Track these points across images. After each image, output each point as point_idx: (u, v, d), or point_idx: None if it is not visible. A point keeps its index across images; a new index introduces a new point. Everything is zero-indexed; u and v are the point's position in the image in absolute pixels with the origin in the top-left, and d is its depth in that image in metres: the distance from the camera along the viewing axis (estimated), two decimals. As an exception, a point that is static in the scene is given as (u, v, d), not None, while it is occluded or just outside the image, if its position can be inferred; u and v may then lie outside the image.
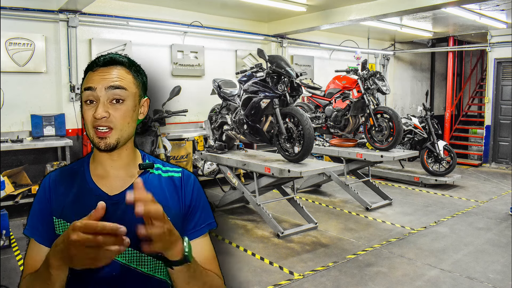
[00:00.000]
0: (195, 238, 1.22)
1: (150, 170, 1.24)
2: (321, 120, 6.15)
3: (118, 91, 1.14)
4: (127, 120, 1.16)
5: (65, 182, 1.22)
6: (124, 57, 1.21)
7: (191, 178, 1.28)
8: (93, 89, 1.13)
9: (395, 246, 4.50)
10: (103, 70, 1.15)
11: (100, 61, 1.17)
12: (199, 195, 1.27)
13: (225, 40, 7.68)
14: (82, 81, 1.19)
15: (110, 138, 1.13)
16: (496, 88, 9.36)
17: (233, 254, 4.32)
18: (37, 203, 1.22)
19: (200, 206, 1.26)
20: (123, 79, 1.16)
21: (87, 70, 1.18)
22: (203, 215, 1.26)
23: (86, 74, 1.18)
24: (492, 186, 7.43)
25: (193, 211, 1.24)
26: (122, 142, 1.17)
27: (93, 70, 1.16)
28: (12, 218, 4.79)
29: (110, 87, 1.13)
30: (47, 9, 5.75)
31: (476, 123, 10.49)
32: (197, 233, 1.23)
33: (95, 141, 1.15)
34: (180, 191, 1.24)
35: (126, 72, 1.18)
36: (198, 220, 1.24)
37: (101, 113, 1.11)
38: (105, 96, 1.13)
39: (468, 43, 10.32)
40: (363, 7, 6.57)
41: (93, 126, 1.13)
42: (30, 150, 5.64)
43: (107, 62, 1.17)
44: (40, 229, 1.19)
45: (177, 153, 6.50)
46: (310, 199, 6.46)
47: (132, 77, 1.19)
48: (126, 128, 1.16)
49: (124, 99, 1.15)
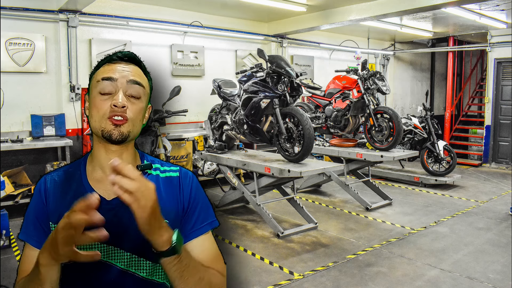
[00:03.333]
0: (196, 237, 1.20)
1: (149, 171, 1.22)
2: (321, 120, 6.15)
3: (137, 87, 1.14)
4: (139, 117, 1.16)
5: (61, 186, 1.19)
6: (141, 60, 1.22)
7: (188, 177, 1.26)
8: (113, 80, 1.12)
9: (395, 246, 4.50)
10: (124, 64, 1.15)
11: (122, 54, 1.17)
12: (198, 193, 1.25)
13: (225, 40, 7.68)
14: (93, 73, 1.17)
15: (124, 127, 1.11)
16: (496, 88, 9.36)
17: (233, 254, 4.32)
18: (33, 207, 1.19)
19: (199, 205, 1.24)
20: (141, 77, 1.17)
21: (103, 62, 1.17)
22: (203, 213, 1.24)
23: (101, 66, 1.16)
24: (492, 186, 7.43)
25: (192, 210, 1.22)
26: (131, 137, 1.15)
27: (112, 62, 1.15)
28: (12, 218, 4.78)
29: (131, 81, 1.13)
30: (47, 9, 5.75)
31: (476, 123, 10.49)
32: (197, 232, 1.21)
33: (108, 129, 1.11)
34: (178, 190, 1.22)
35: (142, 73, 1.19)
36: (198, 219, 1.22)
37: (123, 102, 1.10)
38: (124, 88, 1.12)
39: (468, 43, 10.32)
40: (363, 7, 6.57)
41: (108, 117, 1.10)
42: (30, 150, 5.64)
43: (128, 58, 1.17)
44: (35, 234, 1.16)
45: (177, 153, 6.50)
46: (310, 199, 6.46)
47: (147, 79, 1.20)
48: (138, 124, 1.16)
49: (140, 96, 1.15)
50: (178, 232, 1.03)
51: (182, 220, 1.20)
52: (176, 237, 1.01)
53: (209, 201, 1.29)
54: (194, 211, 1.22)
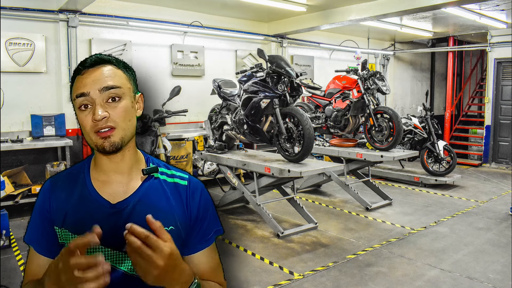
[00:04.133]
0: (202, 250, 1.20)
1: (154, 174, 1.19)
2: (321, 120, 6.15)
3: (112, 90, 1.08)
4: (128, 117, 1.11)
5: (65, 189, 1.17)
6: (109, 56, 1.15)
7: (198, 189, 1.22)
8: (86, 94, 1.07)
9: (395, 246, 4.50)
10: (91, 72, 1.09)
11: (87, 62, 1.11)
12: (207, 206, 1.22)
13: (225, 40, 7.68)
14: (71, 89, 1.12)
15: (114, 136, 1.08)
16: (496, 88, 9.36)
17: (233, 254, 4.32)
18: (37, 212, 1.18)
19: (207, 218, 1.21)
20: (115, 76, 1.11)
21: (74, 76, 1.12)
22: (211, 226, 1.22)
23: (74, 80, 1.11)
24: (492, 186, 7.43)
25: (199, 223, 1.19)
26: (126, 141, 1.12)
27: (81, 73, 1.10)
28: (12, 218, 4.79)
29: (104, 88, 1.08)
30: (47, 9, 5.75)
31: (476, 123, 10.49)
32: (204, 244, 1.20)
33: (99, 144, 1.08)
34: (185, 200, 1.19)
35: (115, 68, 1.13)
36: (205, 231, 1.20)
37: (101, 114, 1.06)
38: (100, 98, 1.07)
39: (468, 43, 10.32)
40: (363, 7, 6.57)
41: (94, 131, 1.07)
42: (30, 150, 5.64)
43: (94, 62, 1.11)
44: (39, 239, 1.15)
45: (177, 153, 6.50)
46: (310, 199, 6.46)
47: (122, 72, 1.14)
48: (129, 125, 1.11)
49: (121, 96, 1.10)
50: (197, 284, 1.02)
51: (188, 230, 1.18)
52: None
53: (216, 211, 1.27)
54: (203, 223, 1.20)
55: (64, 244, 1.11)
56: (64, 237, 1.13)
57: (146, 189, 1.16)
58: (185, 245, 1.17)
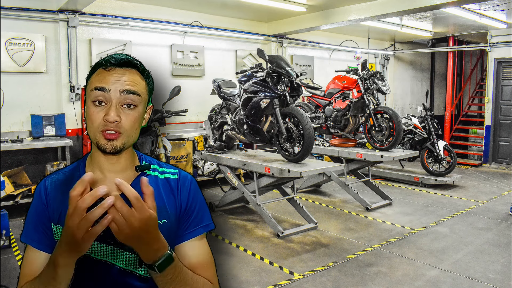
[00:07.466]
0: (190, 239, 1.20)
1: (147, 171, 1.21)
2: (321, 120, 6.15)
3: (132, 96, 1.09)
4: (135, 126, 1.12)
5: (61, 187, 1.18)
6: (138, 60, 1.16)
7: (187, 180, 1.25)
8: (106, 90, 1.07)
9: (395, 246, 4.50)
10: (117, 71, 1.10)
11: (116, 60, 1.10)
12: (196, 196, 1.24)
13: (225, 40, 7.68)
14: (89, 77, 1.12)
15: (117, 141, 1.09)
16: (496, 88, 9.36)
17: (233, 254, 4.32)
18: (34, 209, 1.18)
19: (196, 208, 1.23)
20: (138, 84, 1.12)
21: (97, 66, 1.12)
22: (199, 216, 1.23)
23: (95, 71, 1.12)
24: (492, 186, 7.43)
25: (188, 213, 1.21)
26: (126, 147, 1.14)
27: (106, 68, 1.10)
28: (12, 218, 4.78)
29: (125, 91, 1.08)
30: (47, 9, 5.75)
31: (476, 123, 10.49)
32: (191, 234, 1.21)
33: (101, 143, 1.09)
34: (176, 192, 1.21)
35: (140, 77, 1.13)
36: (193, 221, 1.22)
37: (114, 117, 1.06)
38: (118, 99, 1.08)
39: (468, 43, 10.32)
40: (363, 7, 6.57)
41: (101, 130, 1.08)
42: (30, 150, 5.64)
43: (123, 63, 1.11)
44: (37, 236, 1.16)
45: (177, 153, 6.50)
46: (310, 199, 6.46)
47: (144, 83, 1.15)
48: (134, 134, 1.13)
49: (136, 104, 1.11)
50: (169, 254, 1.02)
51: (178, 223, 1.20)
52: (165, 259, 1.01)
53: (207, 204, 1.29)
54: (192, 214, 1.22)
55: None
56: (60, 234, 1.12)
57: (139, 185, 1.17)
58: (176, 236, 1.19)
